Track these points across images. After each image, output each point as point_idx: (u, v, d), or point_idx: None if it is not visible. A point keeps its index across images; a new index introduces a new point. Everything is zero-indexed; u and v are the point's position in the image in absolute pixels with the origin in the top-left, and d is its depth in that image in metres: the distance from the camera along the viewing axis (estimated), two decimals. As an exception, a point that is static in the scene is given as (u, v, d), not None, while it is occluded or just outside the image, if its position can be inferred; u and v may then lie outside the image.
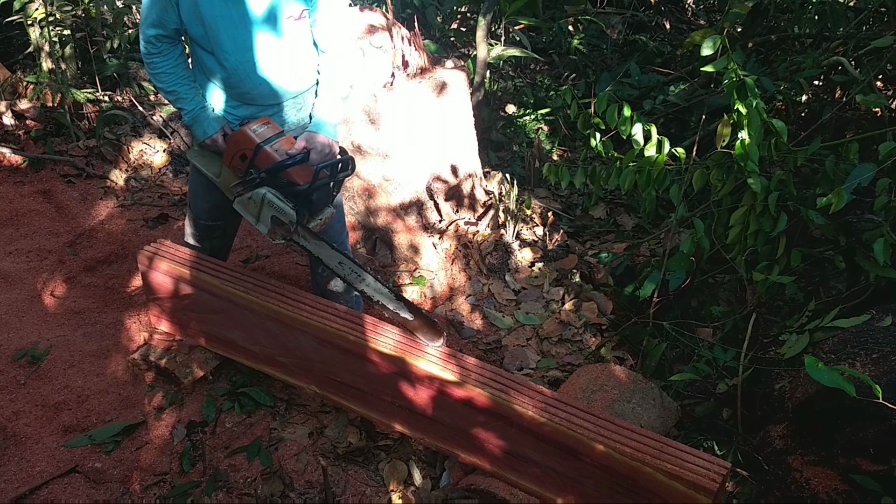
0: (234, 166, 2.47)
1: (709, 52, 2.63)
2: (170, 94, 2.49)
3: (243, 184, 2.43)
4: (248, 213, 2.44)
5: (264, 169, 2.37)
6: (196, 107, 2.50)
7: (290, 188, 2.38)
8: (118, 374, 2.88)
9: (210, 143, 2.54)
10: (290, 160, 2.36)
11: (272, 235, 2.44)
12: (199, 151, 2.62)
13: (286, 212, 2.36)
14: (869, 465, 2.19)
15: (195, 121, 2.51)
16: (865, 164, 2.65)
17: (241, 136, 2.40)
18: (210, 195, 2.68)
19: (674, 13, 7.10)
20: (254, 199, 2.39)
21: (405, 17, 5.41)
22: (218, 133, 2.52)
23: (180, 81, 2.47)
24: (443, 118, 3.79)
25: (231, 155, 2.45)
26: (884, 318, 2.48)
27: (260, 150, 2.36)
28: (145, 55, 2.43)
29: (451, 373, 2.29)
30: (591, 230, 4.39)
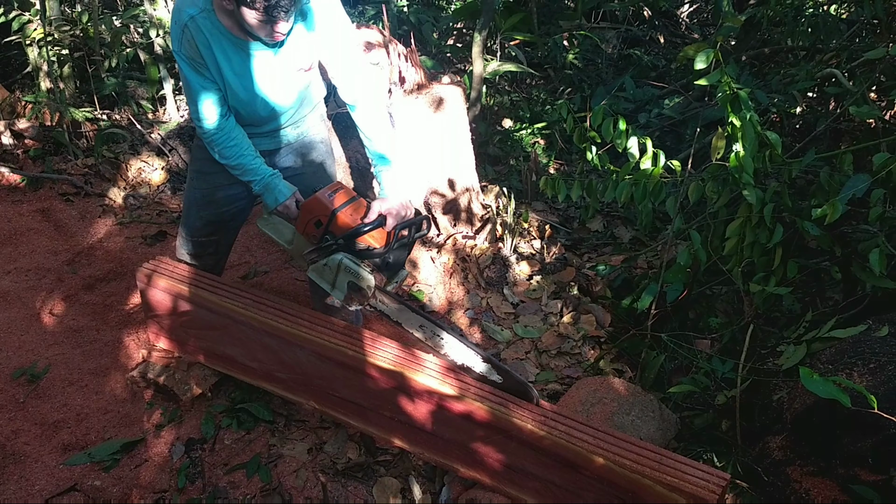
0: (308, 233, 2.44)
1: (702, 66, 2.66)
2: (236, 169, 2.47)
3: (318, 251, 2.40)
4: (324, 280, 2.41)
5: (340, 235, 2.34)
6: (265, 174, 2.48)
7: (366, 253, 2.35)
8: (117, 392, 2.88)
9: (282, 210, 2.52)
10: (366, 226, 2.32)
11: (349, 302, 2.40)
12: (268, 219, 2.60)
13: (364, 277, 2.33)
14: (868, 476, 2.19)
15: (266, 189, 2.49)
16: (860, 174, 2.67)
17: (314, 203, 2.38)
18: (203, 210, 2.69)
19: (668, 27, 7.16)
20: (329, 266, 2.37)
21: (402, 33, 5.46)
22: (290, 199, 2.50)
23: (243, 153, 2.45)
24: (440, 133, 3.81)
25: (305, 222, 2.42)
26: (880, 328, 2.48)
27: (335, 217, 2.34)
28: (204, 135, 2.42)
29: (450, 387, 2.29)
30: (589, 243, 4.41)
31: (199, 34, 2.22)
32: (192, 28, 2.21)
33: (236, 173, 2.49)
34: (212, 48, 2.25)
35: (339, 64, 2.43)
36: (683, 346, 3.06)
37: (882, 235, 2.59)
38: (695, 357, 3.03)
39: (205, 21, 2.21)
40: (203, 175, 2.61)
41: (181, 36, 2.23)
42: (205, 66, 2.28)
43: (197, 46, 2.23)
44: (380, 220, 2.35)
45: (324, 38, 2.36)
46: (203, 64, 2.28)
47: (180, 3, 2.25)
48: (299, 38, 2.33)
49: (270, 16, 2.07)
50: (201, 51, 2.24)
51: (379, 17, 5.61)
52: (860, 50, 4.30)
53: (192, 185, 2.71)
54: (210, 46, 2.24)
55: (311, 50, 2.39)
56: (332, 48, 2.40)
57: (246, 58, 2.30)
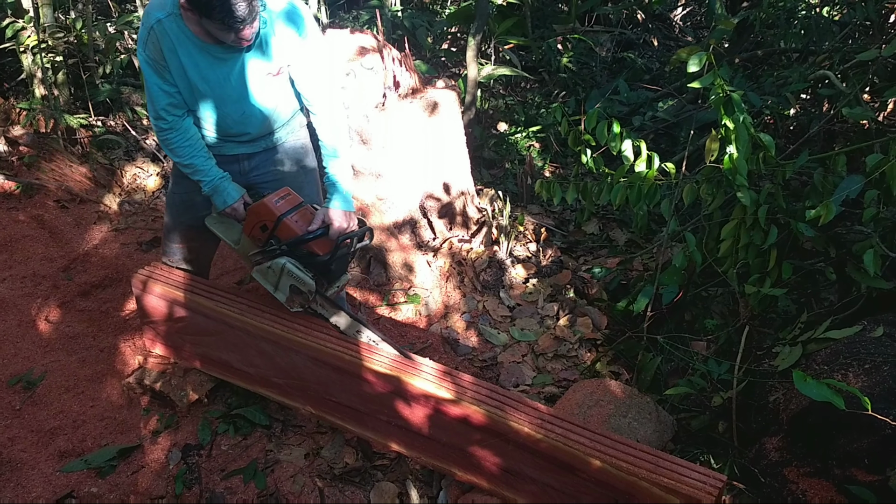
0: (254, 236, 2.51)
1: (695, 69, 2.66)
2: (187, 167, 2.52)
3: (263, 253, 2.47)
4: (267, 282, 2.48)
5: (285, 241, 2.42)
6: (215, 177, 2.53)
7: (309, 259, 2.44)
8: (113, 399, 2.88)
9: (230, 213, 2.58)
10: (310, 235, 2.41)
11: (290, 304, 2.49)
12: (217, 218, 2.66)
13: (305, 281, 2.42)
14: (864, 476, 2.19)
15: (215, 191, 2.54)
16: (853, 175, 2.68)
17: (261, 208, 2.45)
18: (184, 215, 2.72)
19: (661, 31, 7.18)
20: (273, 269, 2.44)
21: (396, 38, 5.47)
22: (238, 202, 2.56)
23: (196, 154, 2.50)
24: (435, 137, 3.82)
25: (251, 225, 2.49)
26: (875, 328, 2.49)
27: (280, 223, 2.41)
28: (159, 133, 2.47)
29: (447, 391, 2.29)
30: (585, 246, 4.41)
31: (164, 37, 2.25)
32: (159, 31, 2.25)
33: (188, 171, 2.53)
34: (177, 52, 2.28)
35: (303, 72, 2.46)
36: (679, 348, 3.07)
37: (876, 236, 2.60)
38: (691, 359, 3.04)
39: (171, 24, 2.24)
40: (182, 179, 2.64)
41: (146, 38, 2.27)
42: (167, 69, 2.32)
43: (161, 50, 2.27)
44: (323, 229, 2.43)
45: (293, 44, 2.39)
46: (165, 67, 2.31)
47: (149, 6, 2.29)
48: (269, 42, 2.36)
49: (230, 25, 2.11)
50: (165, 54, 2.28)
51: (373, 22, 5.62)
52: (853, 52, 4.32)
53: (173, 189, 2.74)
54: (175, 50, 2.28)
55: (280, 54, 2.40)
56: (299, 56, 2.42)
57: (213, 61, 2.33)
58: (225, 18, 2.07)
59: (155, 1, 2.28)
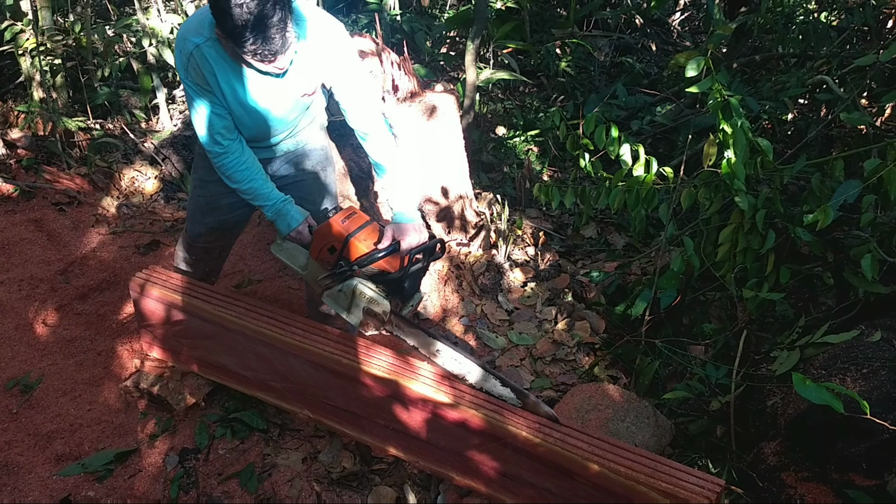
0: (322, 259, 2.43)
1: (693, 73, 2.67)
2: (247, 193, 2.46)
3: (332, 276, 2.39)
4: (339, 306, 2.40)
5: (355, 261, 2.34)
6: (277, 200, 2.47)
7: (381, 277, 2.35)
8: (110, 402, 2.87)
9: (295, 237, 2.52)
10: (381, 252, 2.32)
11: (364, 327, 2.39)
12: (280, 245, 2.59)
13: (379, 302, 2.32)
14: (862, 480, 2.19)
15: (278, 215, 2.48)
16: (851, 180, 2.68)
17: (327, 229, 2.38)
18: (208, 217, 2.70)
19: (659, 35, 7.19)
20: (344, 292, 2.36)
21: (395, 42, 5.47)
22: (303, 225, 2.50)
23: (255, 177, 2.44)
24: (433, 141, 3.82)
25: (319, 248, 2.42)
26: (873, 333, 2.50)
27: (349, 243, 2.33)
28: (215, 158, 2.40)
29: (445, 395, 2.29)
30: (583, 249, 4.41)
31: (204, 62, 2.21)
32: (198, 56, 2.20)
33: (247, 198, 2.47)
34: (216, 75, 2.25)
35: (349, 97, 2.40)
36: (677, 353, 3.07)
37: (874, 241, 2.61)
38: (689, 363, 3.04)
39: (209, 50, 2.21)
40: (206, 184, 2.61)
41: (187, 63, 2.22)
42: (212, 92, 2.28)
43: (203, 74, 2.23)
44: (394, 245, 2.34)
45: (330, 66, 2.35)
46: (210, 90, 2.27)
47: (185, 31, 2.24)
48: (304, 64, 2.32)
49: (262, 57, 2.07)
50: (207, 78, 2.24)
51: (372, 26, 5.63)
52: (850, 57, 4.33)
53: (196, 192, 2.71)
54: (215, 74, 2.24)
55: (316, 76, 2.38)
56: (340, 79, 2.38)
57: (250, 85, 2.30)
58: (258, 50, 2.03)
59: (191, 25, 2.23)
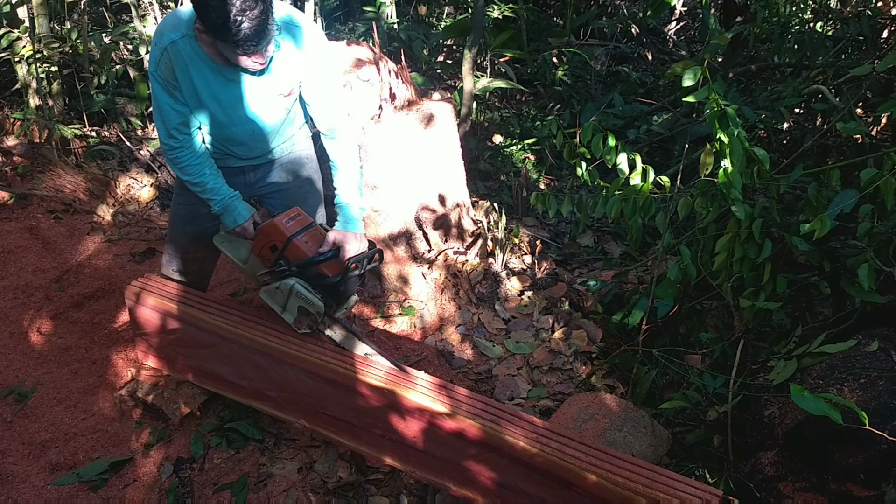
0: (263, 256, 2.49)
1: (690, 83, 2.67)
2: (197, 186, 2.50)
3: (271, 274, 2.45)
4: (275, 302, 2.46)
5: (294, 262, 2.40)
6: (225, 196, 2.52)
7: (319, 280, 2.41)
8: (105, 411, 2.86)
9: (240, 232, 2.58)
10: (320, 257, 2.39)
11: (298, 325, 2.48)
12: (225, 237, 2.64)
13: (314, 303, 2.40)
14: (860, 491, 2.19)
15: (225, 210, 2.53)
16: (847, 190, 2.68)
17: (271, 228, 2.43)
18: (188, 225, 2.71)
19: (655, 44, 7.22)
20: (281, 290, 2.42)
21: (392, 50, 5.48)
22: (248, 222, 2.56)
23: (205, 172, 2.49)
24: (430, 149, 3.82)
25: (261, 245, 2.48)
26: (870, 342, 2.49)
27: (290, 244, 2.39)
28: (169, 151, 2.45)
29: (442, 404, 2.28)
30: (580, 258, 4.41)
31: (178, 58, 2.24)
32: (172, 52, 2.23)
33: (197, 191, 2.52)
34: (190, 73, 2.27)
35: (317, 94, 2.46)
36: (674, 362, 3.06)
37: (870, 250, 2.60)
38: (686, 372, 3.03)
39: (185, 46, 2.23)
40: (186, 191, 2.63)
41: (159, 58, 2.25)
42: (178, 90, 2.31)
43: (174, 70, 2.26)
44: (334, 251, 2.41)
45: (306, 66, 2.39)
46: (177, 87, 2.30)
47: (163, 25, 2.27)
48: (282, 64, 2.35)
49: (245, 49, 2.09)
50: (178, 75, 2.27)
51: (369, 35, 5.64)
52: (846, 66, 4.34)
53: (177, 200, 2.73)
54: (188, 71, 2.27)
55: (294, 76, 2.41)
56: (312, 77, 2.42)
57: (226, 83, 2.32)
58: (241, 43, 2.05)
59: (169, 21, 2.26)
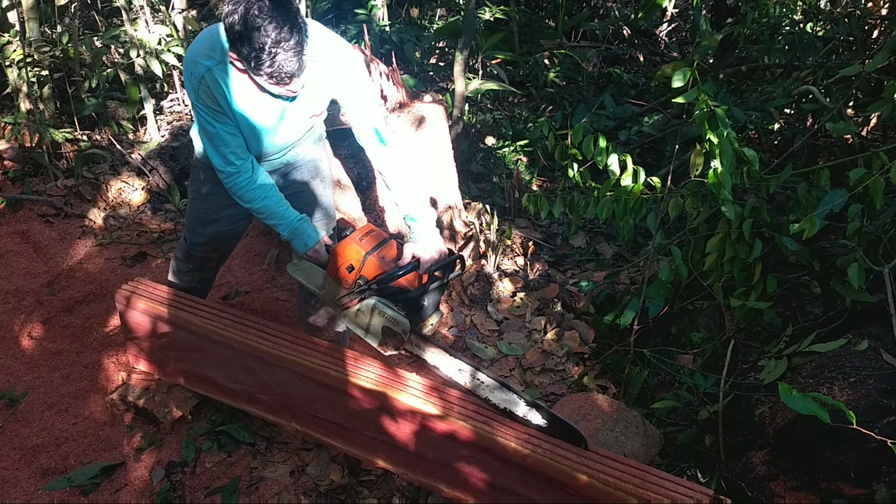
0: (340, 278, 2.39)
1: (680, 84, 2.68)
2: (260, 213, 2.43)
3: (350, 296, 2.36)
4: (357, 326, 2.37)
5: (373, 279, 2.31)
6: (292, 219, 2.44)
7: (400, 295, 2.31)
8: (97, 415, 2.85)
9: (311, 255, 2.49)
10: (400, 270, 2.28)
11: (384, 347, 2.36)
12: (298, 264, 2.55)
13: (399, 321, 2.29)
14: (850, 490, 2.19)
15: (294, 235, 2.45)
16: (837, 190, 2.69)
17: (345, 248, 2.35)
18: (208, 227, 2.68)
19: (647, 46, 7.24)
20: (363, 311, 2.33)
21: (383, 52, 5.48)
22: (319, 244, 2.48)
23: (268, 196, 2.42)
24: (422, 151, 3.82)
25: (336, 267, 2.38)
26: (860, 342, 2.51)
27: (367, 261, 2.31)
28: (227, 178, 2.38)
29: (434, 406, 2.28)
30: (572, 259, 4.42)
31: (215, 85, 2.19)
32: (209, 79, 2.18)
33: (261, 217, 2.45)
34: (228, 98, 2.23)
35: (354, 111, 2.39)
36: (666, 362, 3.07)
37: (860, 250, 2.62)
38: (677, 372, 3.04)
39: (221, 72, 2.19)
40: (206, 197, 2.60)
41: (198, 87, 2.20)
42: (223, 114, 2.26)
43: (215, 97, 2.22)
44: (413, 263, 2.31)
45: (337, 84, 2.35)
46: (222, 111, 2.26)
47: (194, 53, 2.21)
48: (315, 87, 2.32)
49: (278, 81, 2.06)
50: (218, 101, 2.23)
51: (361, 37, 5.64)
52: (836, 67, 4.36)
53: (195, 205, 2.68)
54: (226, 97, 2.23)
55: (325, 96, 2.38)
56: (346, 96, 2.37)
57: (259, 107, 2.29)
58: (274, 74, 2.02)
59: (200, 48, 2.20)
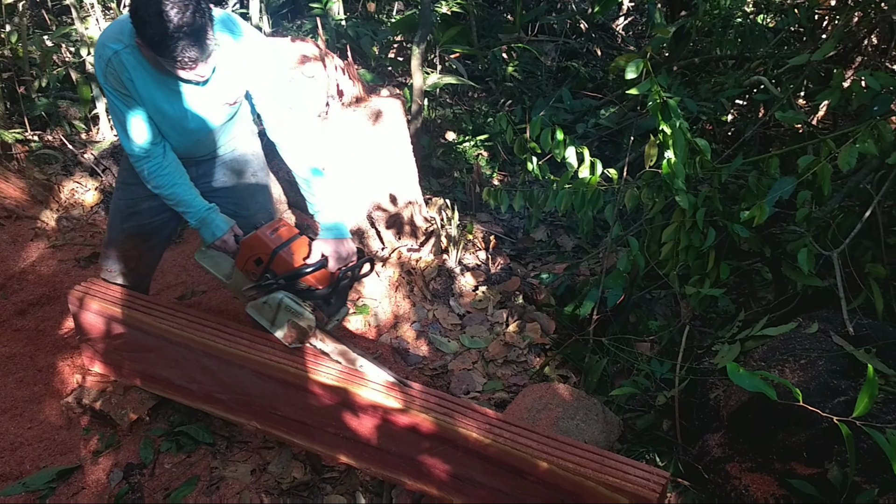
0: (247, 270, 2.40)
1: (633, 75, 2.72)
2: (170, 199, 2.44)
3: (258, 288, 2.36)
4: (263, 318, 2.38)
5: (281, 275, 2.31)
6: (201, 208, 2.45)
7: (308, 293, 2.33)
8: (52, 419, 2.79)
9: (220, 245, 2.49)
10: (308, 268, 2.30)
11: (288, 340, 2.39)
12: (206, 252, 2.55)
13: (305, 316, 2.32)
14: (803, 469, 2.25)
15: (202, 223, 2.46)
16: (786, 177, 2.76)
17: (255, 241, 2.35)
18: (127, 222, 2.65)
19: (604, 40, 7.31)
20: (269, 304, 2.34)
21: (340, 47, 5.45)
22: (228, 234, 2.48)
23: (178, 183, 2.42)
24: (380, 146, 3.81)
25: (245, 259, 2.39)
26: (810, 324, 2.57)
27: (276, 256, 2.31)
28: (137, 163, 2.38)
29: (395, 400, 2.28)
30: (533, 252, 4.45)
31: (122, 69, 2.21)
32: (116, 63, 2.20)
33: (171, 203, 2.45)
34: (135, 82, 2.24)
35: (266, 104, 2.42)
36: (625, 350, 3.11)
37: (809, 235, 2.68)
38: (635, 360, 3.08)
39: (128, 57, 2.20)
40: (128, 186, 2.58)
41: (105, 69, 2.22)
42: (131, 98, 2.27)
43: (122, 80, 2.23)
44: (322, 261, 2.33)
45: (250, 74, 2.36)
46: (129, 95, 2.27)
47: (104, 37, 2.23)
48: (227, 73, 2.32)
49: (184, 65, 2.07)
50: (126, 85, 2.24)
51: (316, 31, 5.60)
52: (786, 57, 4.45)
53: (117, 195, 2.68)
54: (133, 81, 2.24)
55: (239, 85, 2.38)
56: (258, 87, 2.39)
57: (169, 93, 2.29)
58: (178, 58, 2.03)
59: (110, 31, 2.22)
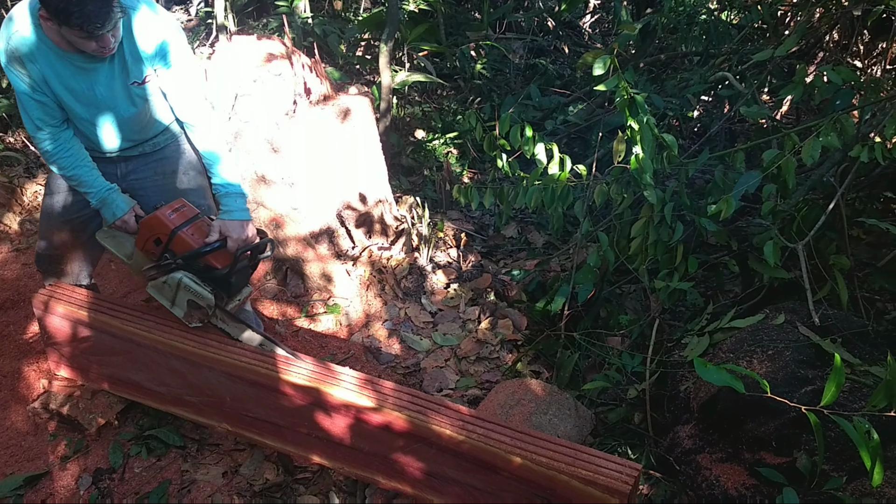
0: (147, 250, 2.41)
1: (600, 72, 2.74)
2: (72, 180, 2.44)
3: (157, 268, 2.37)
4: (163, 297, 2.40)
5: (180, 255, 2.33)
6: (101, 188, 2.45)
7: (208, 272, 2.35)
8: (18, 425, 2.74)
9: (120, 225, 2.49)
10: (207, 248, 2.33)
11: (188, 319, 2.41)
12: (108, 232, 2.55)
13: (204, 296, 2.35)
14: (773, 459, 2.28)
15: (103, 203, 2.46)
16: (751, 172, 2.80)
17: (154, 221, 2.36)
18: (55, 217, 2.62)
19: (571, 37, 7.35)
20: (169, 284, 2.36)
21: (307, 45, 5.41)
22: (129, 214, 2.48)
23: (79, 164, 2.42)
24: (349, 144, 3.79)
25: (144, 239, 2.40)
26: (777, 316, 2.61)
27: (175, 236, 2.33)
28: (38, 144, 2.39)
29: (368, 398, 2.27)
30: (504, 249, 4.46)
31: (24, 47, 2.20)
32: (16, 41, 2.19)
33: (73, 184, 2.47)
34: (38, 62, 2.22)
35: (172, 83, 2.42)
36: (596, 344, 3.14)
37: (775, 228, 2.73)
38: (606, 354, 3.11)
39: (32, 35, 2.19)
40: (56, 178, 2.56)
41: (6, 48, 2.21)
42: (31, 77, 2.26)
43: (23, 60, 2.21)
44: (221, 242, 2.37)
45: (156, 52, 2.35)
46: (29, 75, 2.25)
47: (8, 16, 2.22)
48: (131, 51, 2.31)
49: (90, 32, 2.05)
50: (27, 64, 2.22)
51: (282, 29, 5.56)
52: (750, 53, 4.52)
53: (47, 189, 2.65)
54: (36, 61, 2.22)
55: (144, 63, 2.36)
56: (164, 65, 2.39)
57: (76, 71, 2.27)
58: (84, 25, 2.02)
59: (15, 11, 2.21)
